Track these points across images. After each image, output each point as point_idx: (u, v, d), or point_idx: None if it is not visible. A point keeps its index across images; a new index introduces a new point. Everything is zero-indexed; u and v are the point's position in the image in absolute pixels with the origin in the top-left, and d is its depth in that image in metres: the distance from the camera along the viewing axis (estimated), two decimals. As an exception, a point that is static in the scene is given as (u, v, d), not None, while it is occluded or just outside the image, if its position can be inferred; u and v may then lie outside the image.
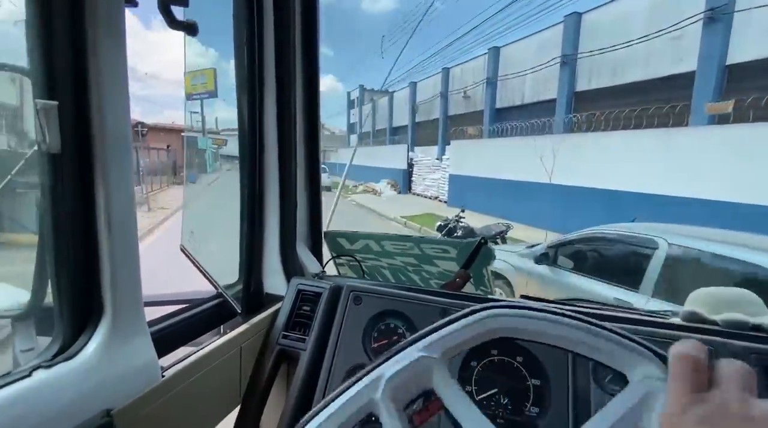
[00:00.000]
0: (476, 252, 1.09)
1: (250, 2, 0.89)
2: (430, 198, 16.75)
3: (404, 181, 19.26)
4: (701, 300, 0.84)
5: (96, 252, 0.58)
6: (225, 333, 0.89)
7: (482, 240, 1.09)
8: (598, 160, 8.58)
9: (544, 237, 6.37)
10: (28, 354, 0.68)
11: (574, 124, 10.77)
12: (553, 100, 13.12)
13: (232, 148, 1.03)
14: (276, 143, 1.02)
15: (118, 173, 0.57)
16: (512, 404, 0.77)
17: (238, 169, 1.00)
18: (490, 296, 1.14)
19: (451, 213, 11.96)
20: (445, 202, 14.88)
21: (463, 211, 6.72)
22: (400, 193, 18.81)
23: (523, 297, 1.10)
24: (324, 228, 1.26)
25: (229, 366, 0.86)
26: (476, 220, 7.27)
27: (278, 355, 0.93)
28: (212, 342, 0.82)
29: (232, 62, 0.93)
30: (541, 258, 3.45)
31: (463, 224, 6.37)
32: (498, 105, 16.16)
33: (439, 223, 6.86)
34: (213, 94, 1.19)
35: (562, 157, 8.29)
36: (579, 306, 0.93)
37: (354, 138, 34.33)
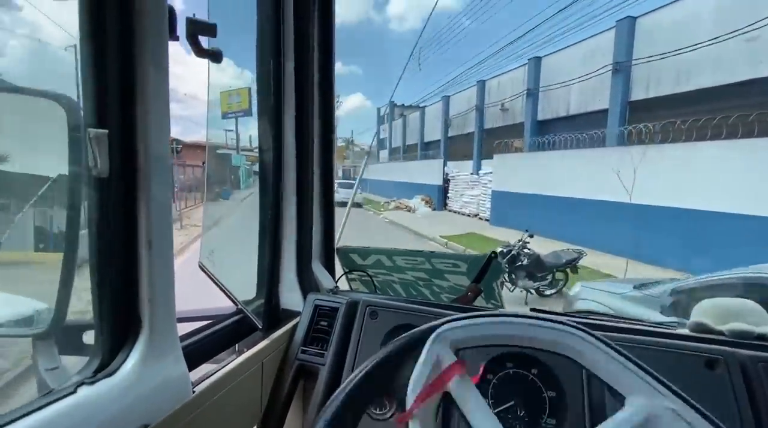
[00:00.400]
0: (487, 266, 1.12)
1: (276, 29, 0.92)
2: (469, 215, 15.97)
3: (439, 198, 18.55)
4: (707, 311, 0.89)
5: (136, 271, 0.59)
6: (245, 348, 0.89)
7: (492, 255, 1.13)
8: (680, 174, 7.56)
9: (625, 267, 5.51)
10: (54, 372, 0.68)
11: (645, 135, 9.65)
12: (603, 111, 12.25)
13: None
14: (294, 162, 1.03)
15: (158, 196, 0.59)
16: (529, 416, 0.77)
17: None
18: (501, 311, 1.19)
19: (495, 232, 11.17)
20: (487, 220, 14.05)
21: (531, 236, 5.74)
22: (435, 209, 18.11)
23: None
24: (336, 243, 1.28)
25: (252, 381, 0.87)
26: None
27: (297, 370, 0.95)
28: (236, 358, 0.82)
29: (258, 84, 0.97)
30: (670, 310, 2.72)
31: (528, 250, 5.55)
32: (540, 117, 15.37)
33: (500, 249, 5.93)
34: (248, 113, 1.22)
35: (638, 172, 7.32)
36: (589, 318, 0.99)
37: (384, 153, 34.15)
